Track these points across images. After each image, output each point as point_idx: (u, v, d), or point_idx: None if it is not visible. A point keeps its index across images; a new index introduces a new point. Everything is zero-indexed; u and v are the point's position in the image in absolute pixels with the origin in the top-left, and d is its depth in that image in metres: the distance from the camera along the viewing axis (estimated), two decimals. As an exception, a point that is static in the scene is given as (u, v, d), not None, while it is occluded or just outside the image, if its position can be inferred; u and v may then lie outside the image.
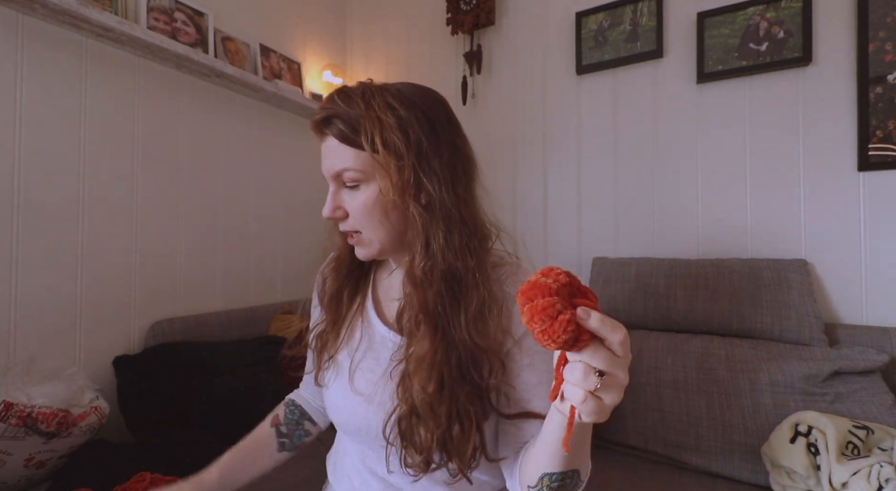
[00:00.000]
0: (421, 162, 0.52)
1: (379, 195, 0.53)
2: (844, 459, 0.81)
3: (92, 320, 1.15)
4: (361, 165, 0.53)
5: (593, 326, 0.33)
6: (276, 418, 0.75)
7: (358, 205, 0.55)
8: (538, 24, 1.64)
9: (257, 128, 1.63)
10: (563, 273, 0.34)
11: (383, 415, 0.55)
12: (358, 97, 0.53)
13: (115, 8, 1.19)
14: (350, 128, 0.52)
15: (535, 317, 0.32)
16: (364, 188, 0.54)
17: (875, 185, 1.16)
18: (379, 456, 0.58)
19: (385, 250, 0.58)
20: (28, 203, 1.04)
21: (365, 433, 0.58)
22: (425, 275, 0.53)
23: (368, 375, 0.59)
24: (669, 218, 1.41)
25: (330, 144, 0.55)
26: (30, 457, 0.85)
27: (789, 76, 1.26)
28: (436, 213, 0.53)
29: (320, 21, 1.94)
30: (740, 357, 1.08)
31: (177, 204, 1.35)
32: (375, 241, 0.56)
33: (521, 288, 0.34)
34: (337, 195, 0.56)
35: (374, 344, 0.61)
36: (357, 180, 0.54)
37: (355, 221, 0.56)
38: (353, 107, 0.53)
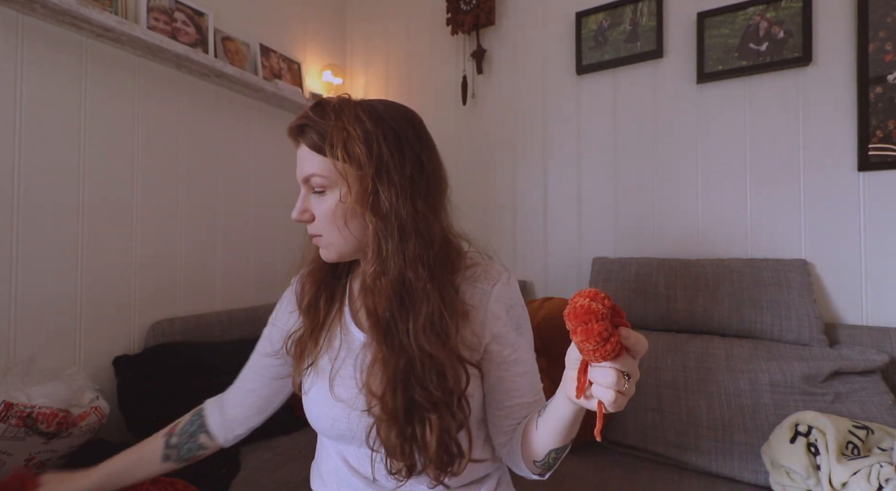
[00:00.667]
0: (380, 174, 0.55)
1: (339, 202, 0.57)
2: (844, 459, 0.81)
3: (92, 320, 1.15)
4: (327, 172, 0.56)
5: (631, 343, 0.40)
6: (172, 427, 0.74)
7: (323, 209, 0.58)
8: (538, 24, 1.64)
9: (257, 128, 1.63)
10: (606, 297, 0.40)
11: (366, 421, 0.57)
12: (331, 109, 0.56)
13: (115, 8, 1.19)
14: (319, 137, 0.56)
15: (591, 339, 0.38)
16: (329, 194, 0.57)
17: (875, 185, 1.16)
18: (362, 457, 0.60)
19: (343, 255, 0.60)
20: (28, 203, 1.04)
21: (350, 438, 0.60)
22: (374, 282, 0.55)
23: (349, 381, 0.59)
24: (669, 218, 1.41)
25: (302, 151, 0.58)
26: (30, 457, 0.85)
27: (789, 76, 1.26)
28: (390, 223, 0.55)
29: (320, 21, 1.94)
30: (740, 357, 1.08)
31: (177, 204, 1.35)
32: (335, 244, 0.59)
33: (573, 310, 0.39)
34: (306, 199, 0.60)
35: (351, 350, 0.62)
36: (323, 186, 0.57)
37: (319, 225, 0.59)
38: (325, 118, 0.56)
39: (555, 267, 1.59)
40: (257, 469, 1.02)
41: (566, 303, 0.74)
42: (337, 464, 0.63)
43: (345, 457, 0.63)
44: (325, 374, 0.61)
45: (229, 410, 0.72)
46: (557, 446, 0.53)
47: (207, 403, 0.75)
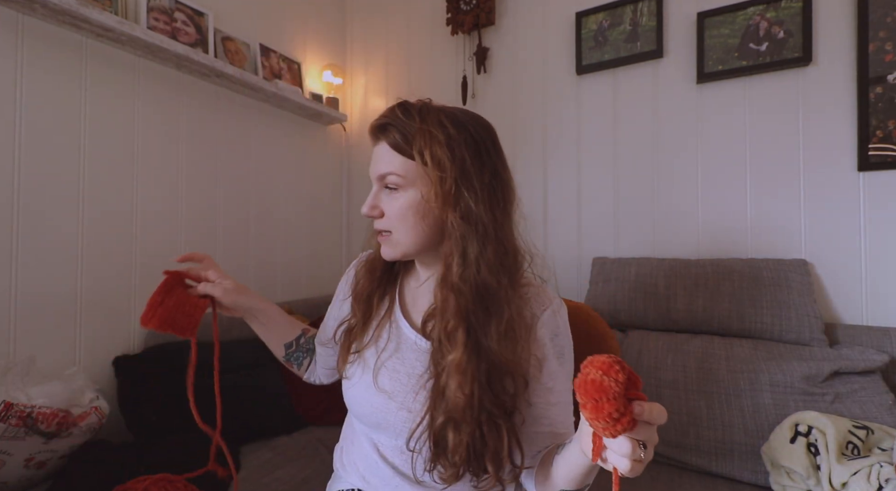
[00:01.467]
0: (462, 178, 0.57)
1: (417, 201, 0.59)
2: (844, 459, 0.81)
3: (92, 320, 1.15)
4: (405, 172, 0.58)
5: (646, 418, 0.37)
6: (307, 330, 0.82)
7: (395, 207, 0.60)
8: (538, 24, 1.64)
9: (257, 128, 1.63)
10: (621, 370, 0.37)
11: (405, 413, 0.59)
12: (415, 112, 0.59)
13: (115, 8, 1.19)
14: (403, 137, 0.58)
15: (601, 417, 0.37)
16: (403, 193, 0.59)
17: (875, 185, 1.16)
18: (393, 447, 0.63)
19: (408, 253, 0.62)
20: (28, 203, 1.04)
21: (384, 427, 0.62)
22: (462, 282, 0.57)
23: (393, 373, 0.62)
24: (669, 218, 1.41)
25: (381, 149, 0.60)
26: (30, 457, 0.85)
27: (789, 76, 1.26)
28: (473, 226, 0.57)
29: (320, 21, 1.94)
30: (740, 357, 1.08)
31: (177, 204, 1.35)
32: (402, 243, 0.61)
33: (584, 382, 0.37)
34: (377, 195, 0.61)
35: (401, 346, 0.64)
36: (398, 185, 0.59)
37: (389, 221, 0.60)
38: (409, 119, 0.58)
39: (555, 267, 1.59)
40: (257, 469, 1.02)
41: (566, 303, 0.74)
42: (367, 450, 0.65)
43: (376, 445, 0.64)
44: (371, 364, 0.64)
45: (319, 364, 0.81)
46: (569, 489, 0.53)
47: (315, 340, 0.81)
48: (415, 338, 0.64)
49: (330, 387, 1.29)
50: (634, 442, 0.38)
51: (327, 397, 1.30)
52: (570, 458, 0.50)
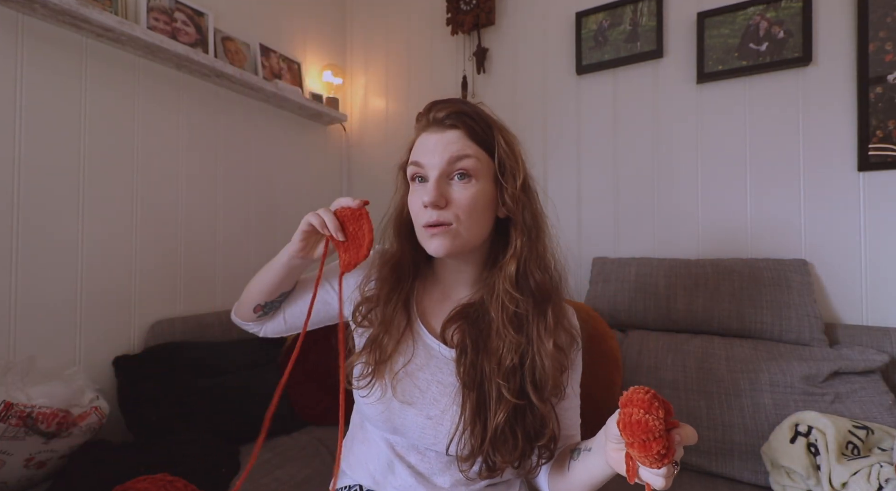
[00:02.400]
0: (526, 187, 0.60)
1: (487, 193, 0.59)
2: (844, 459, 0.81)
3: (92, 320, 1.15)
4: (481, 160, 0.58)
5: (683, 444, 0.40)
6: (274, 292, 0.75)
7: (467, 196, 0.57)
8: (538, 24, 1.63)
9: (257, 128, 1.63)
10: (660, 406, 0.39)
11: (423, 420, 0.60)
12: (481, 108, 0.61)
13: (115, 8, 1.19)
14: (482, 128, 0.59)
15: (650, 455, 0.38)
16: (475, 183, 0.58)
17: (875, 186, 1.16)
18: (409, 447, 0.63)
19: (466, 248, 0.60)
20: (28, 203, 1.04)
21: (402, 431, 0.62)
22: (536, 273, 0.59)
23: (415, 382, 0.62)
24: (669, 218, 1.41)
25: (451, 136, 0.58)
26: (30, 457, 0.85)
27: (789, 76, 1.26)
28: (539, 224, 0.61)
29: (320, 21, 1.94)
30: (740, 357, 1.08)
31: (177, 204, 1.35)
32: (463, 236, 0.58)
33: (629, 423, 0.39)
34: (441, 183, 0.58)
35: (427, 356, 0.64)
36: (472, 173, 0.57)
37: (453, 213, 0.57)
38: (481, 113, 0.60)
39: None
40: (257, 469, 1.02)
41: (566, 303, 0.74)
42: (382, 449, 0.65)
43: (392, 445, 0.64)
44: (393, 375, 0.62)
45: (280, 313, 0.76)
46: None
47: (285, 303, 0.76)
48: (437, 347, 0.63)
49: (329, 387, 1.30)
50: (669, 464, 0.40)
51: (327, 397, 1.30)
52: (592, 468, 0.52)
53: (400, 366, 0.62)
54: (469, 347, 0.59)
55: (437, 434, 0.59)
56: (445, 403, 0.60)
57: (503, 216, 0.62)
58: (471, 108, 0.60)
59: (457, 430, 0.57)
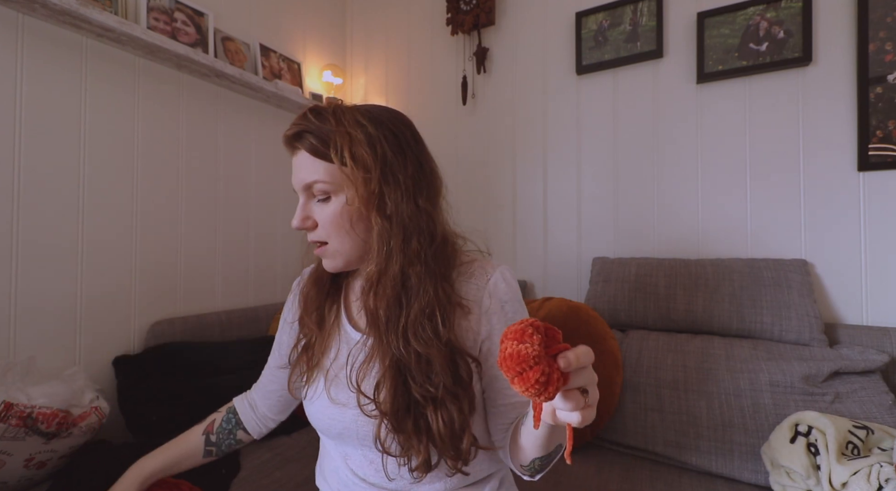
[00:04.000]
0: (386, 175, 0.56)
1: (345, 206, 0.56)
2: (844, 459, 0.81)
3: (92, 320, 1.15)
4: (331, 178, 0.56)
5: (575, 367, 0.36)
6: (209, 426, 0.73)
7: (327, 215, 0.57)
8: (538, 24, 1.64)
9: (257, 128, 1.63)
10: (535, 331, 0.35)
11: (363, 418, 0.57)
12: (329, 114, 0.56)
13: (115, 8, 1.19)
14: (321, 142, 0.55)
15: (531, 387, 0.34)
16: (333, 200, 0.57)
17: (875, 186, 1.16)
18: (360, 458, 0.61)
19: (350, 261, 0.60)
20: (28, 203, 1.04)
21: (347, 437, 0.60)
22: (377, 281, 0.56)
23: (345, 380, 0.59)
24: (669, 218, 1.41)
25: (301, 158, 0.57)
26: (30, 457, 0.85)
27: (789, 76, 1.26)
28: (395, 223, 0.56)
29: (320, 21, 1.94)
30: (740, 357, 1.08)
31: (177, 204, 1.35)
32: (340, 252, 0.58)
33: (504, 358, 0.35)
34: (307, 206, 0.59)
35: (349, 351, 0.62)
36: (327, 192, 0.56)
37: (323, 232, 0.58)
38: (324, 123, 0.56)
39: (555, 267, 1.59)
40: (257, 469, 1.02)
41: (566, 303, 0.74)
42: (338, 464, 0.64)
43: (345, 458, 0.63)
44: (323, 375, 0.62)
45: (259, 408, 0.76)
46: (540, 456, 0.53)
47: (236, 401, 0.78)
48: (358, 336, 0.62)
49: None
50: (575, 392, 0.37)
51: (327, 397, 1.30)
52: (529, 427, 0.50)
53: (328, 365, 0.62)
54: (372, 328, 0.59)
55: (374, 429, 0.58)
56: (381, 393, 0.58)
57: None
58: (311, 122, 0.56)
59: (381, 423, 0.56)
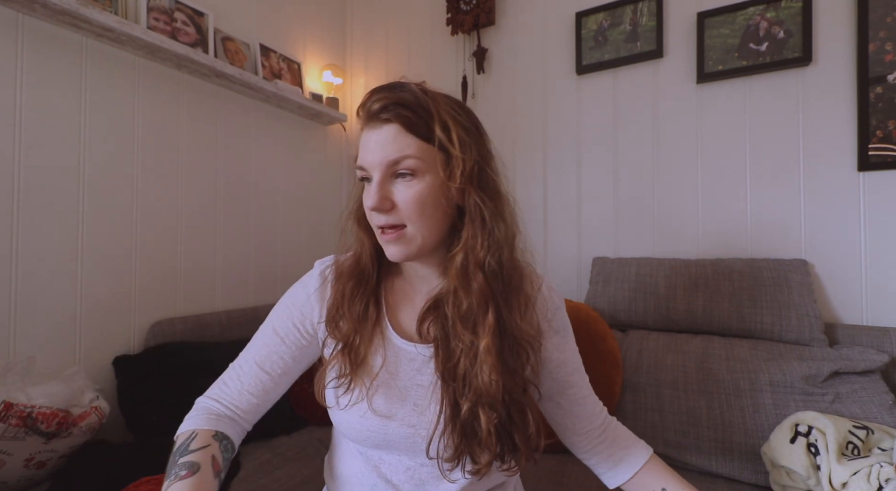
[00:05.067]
0: (481, 158, 0.55)
1: (435, 187, 0.53)
2: (844, 459, 0.81)
3: (92, 320, 1.15)
4: (423, 155, 0.52)
5: None
6: (216, 464, 0.58)
7: (412, 195, 0.52)
8: (538, 24, 1.64)
9: (257, 128, 1.63)
10: None
11: (407, 429, 0.56)
12: (419, 91, 0.54)
13: (115, 8, 1.19)
14: (418, 117, 0.52)
15: None
16: (419, 180, 0.53)
17: (875, 186, 1.16)
18: (395, 464, 0.58)
19: (424, 249, 0.56)
20: (28, 203, 1.04)
21: (385, 446, 0.57)
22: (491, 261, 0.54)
23: (390, 392, 0.57)
24: (669, 218, 1.41)
25: (387, 132, 0.52)
26: (30, 457, 0.85)
27: (789, 76, 1.26)
28: (495, 205, 0.56)
29: (320, 21, 1.94)
30: (740, 357, 1.08)
31: (177, 204, 1.35)
32: (419, 237, 0.54)
33: None
34: (384, 186, 0.53)
35: (397, 363, 0.59)
36: (413, 170, 0.52)
37: (404, 214, 0.53)
38: (417, 98, 0.53)
39: (555, 267, 1.59)
40: (257, 469, 1.02)
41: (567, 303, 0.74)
42: (363, 470, 0.60)
43: (378, 465, 0.59)
44: (365, 387, 0.57)
45: (242, 421, 0.67)
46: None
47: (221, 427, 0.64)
48: (411, 348, 0.59)
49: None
50: None
51: (327, 397, 1.30)
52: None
53: (374, 373, 0.57)
54: (446, 338, 0.55)
55: (424, 441, 0.55)
56: (427, 406, 0.56)
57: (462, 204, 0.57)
58: (409, 94, 0.53)
59: (436, 429, 0.54)
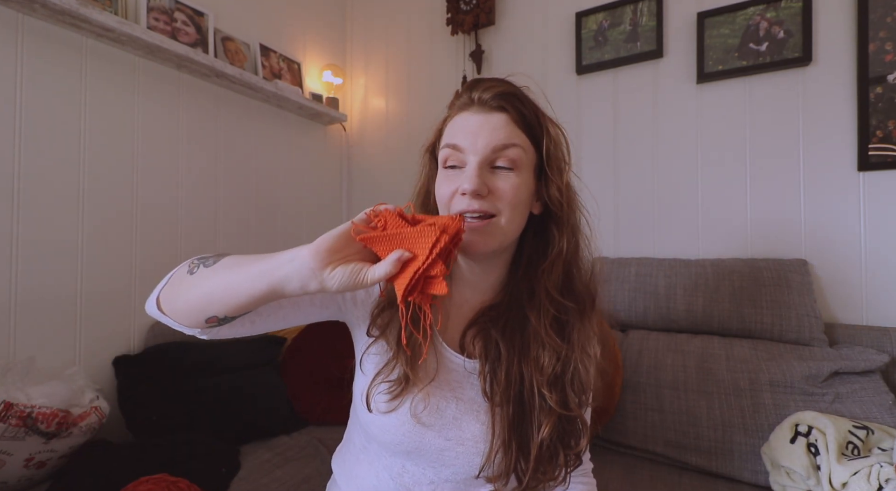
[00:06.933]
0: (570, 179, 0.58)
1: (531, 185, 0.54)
2: (844, 459, 0.81)
3: (92, 320, 1.15)
4: (527, 151, 0.53)
5: None
6: None
7: (510, 186, 0.52)
8: (538, 24, 1.63)
9: (257, 128, 1.63)
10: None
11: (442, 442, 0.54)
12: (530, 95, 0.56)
13: (115, 8, 1.19)
14: (531, 114, 0.54)
15: None
16: (517, 174, 0.52)
17: (875, 185, 1.16)
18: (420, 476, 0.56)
19: (503, 246, 0.55)
20: (28, 202, 1.04)
21: (416, 456, 0.55)
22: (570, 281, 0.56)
23: (434, 401, 0.55)
24: (669, 218, 1.41)
25: (497, 119, 0.52)
26: (30, 457, 0.85)
27: (789, 76, 1.26)
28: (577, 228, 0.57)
29: (320, 21, 1.94)
30: (740, 357, 1.08)
31: (177, 204, 1.35)
32: (506, 231, 0.53)
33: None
34: (482, 172, 0.52)
35: (445, 371, 0.57)
36: (516, 163, 0.52)
37: (499, 204, 0.52)
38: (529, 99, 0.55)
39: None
40: (257, 468, 1.02)
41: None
42: (380, 475, 0.58)
43: (401, 473, 0.57)
44: (412, 393, 0.55)
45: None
46: None
47: None
48: (456, 358, 0.57)
49: (329, 387, 1.30)
50: None
51: (327, 397, 1.30)
52: None
53: (426, 379, 0.55)
54: (503, 356, 0.53)
55: (458, 456, 0.54)
56: (466, 421, 0.54)
57: (538, 212, 0.57)
58: (520, 91, 0.54)
59: (492, 451, 0.52)
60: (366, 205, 2.00)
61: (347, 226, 0.43)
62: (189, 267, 0.50)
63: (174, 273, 0.52)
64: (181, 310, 0.49)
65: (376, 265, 0.42)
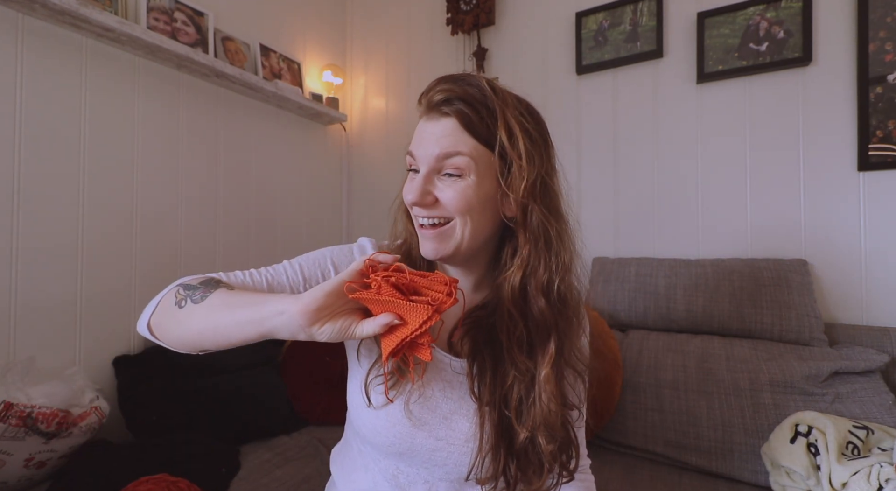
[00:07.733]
0: (546, 175, 0.53)
1: (484, 190, 0.51)
2: (844, 459, 0.81)
3: (92, 320, 1.15)
4: (477, 157, 0.50)
5: None
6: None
7: (455, 192, 0.51)
8: (538, 24, 1.63)
9: (257, 128, 1.63)
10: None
11: (433, 442, 0.54)
12: (489, 90, 0.51)
13: (115, 8, 1.19)
14: (480, 117, 0.50)
15: None
16: (464, 179, 0.51)
17: (875, 185, 1.16)
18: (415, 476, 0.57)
19: (461, 251, 0.53)
20: (28, 203, 1.04)
21: (408, 456, 0.56)
22: (556, 288, 0.52)
23: (423, 400, 0.55)
24: (669, 218, 1.41)
25: (444, 126, 0.51)
26: (30, 457, 0.85)
27: (789, 76, 1.26)
28: (558, 228, 0.53)
29: (320, 21, 1.94)
30: (740, 357, 1.08)
31: (177, 204, 1.35)
32: (459, 237, 0.52)
33: None
34: (428, 179, 0.52)
35: (431, 366, 0.57)
36: (461, 169, 0.50)
37: (446, 210, 0.51)
38: (484, 95, 0.51)
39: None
40: (257, 468, 1.02)
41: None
42: (376, 477, 0.59)
43: (395, 474, 0.58)
44: (404, 392, 0.55)
45: None
46: None
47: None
48: (445, 358, 0.57)
49: (329, 387, 1.30)
50: None
51: (327, 397, 1.30)
52: None
53: (416, 380, 0.55)
54: (488, 358, 0.53)
55: (449, 456, 0.54)
56: (456, 420, 0.54)
57: (512, 215, 0.54)
58: (476, 90, 0.51)
59: (481, 452, 0.52)
60: (365, 205, 2.01)
61: (339, 283, 0.43)
62: (176, 298, 0.51)
63: (161, 299, 0.53)
64: (173, 341, 0.52)
65: (366, 322, 0.43)
